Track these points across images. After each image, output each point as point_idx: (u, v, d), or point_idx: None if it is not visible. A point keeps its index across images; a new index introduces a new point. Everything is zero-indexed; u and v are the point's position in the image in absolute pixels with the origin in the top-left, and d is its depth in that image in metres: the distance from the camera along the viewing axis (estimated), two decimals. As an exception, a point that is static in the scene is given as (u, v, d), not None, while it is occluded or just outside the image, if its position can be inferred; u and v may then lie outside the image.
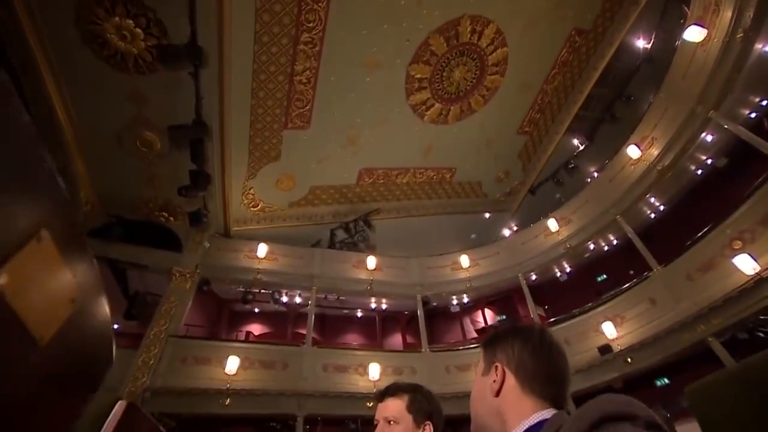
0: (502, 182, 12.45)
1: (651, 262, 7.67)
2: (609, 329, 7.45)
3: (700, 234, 7.01)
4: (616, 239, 9.83)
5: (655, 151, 8.26)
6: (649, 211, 9.55)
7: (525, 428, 0.79)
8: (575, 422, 0.61)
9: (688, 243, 7.18)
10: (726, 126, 7.26)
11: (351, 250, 10.69)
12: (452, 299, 10.90)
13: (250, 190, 9.56)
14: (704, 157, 8.58)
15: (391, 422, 1.38)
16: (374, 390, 7.51)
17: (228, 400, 7.09)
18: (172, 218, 9.05)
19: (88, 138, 7.13)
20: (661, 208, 9.49)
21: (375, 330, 11.90)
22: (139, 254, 8.46)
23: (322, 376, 7.94)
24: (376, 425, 1.41)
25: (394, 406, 1.41)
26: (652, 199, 9.15)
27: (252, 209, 9.97)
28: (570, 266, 10.54)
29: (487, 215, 12.95)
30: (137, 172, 8.05)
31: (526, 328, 0.94)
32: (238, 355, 7.48)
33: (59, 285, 0.33)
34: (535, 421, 0.79)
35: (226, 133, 7.46)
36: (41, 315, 0.30)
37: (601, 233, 9.48)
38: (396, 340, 11.79)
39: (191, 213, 8.32)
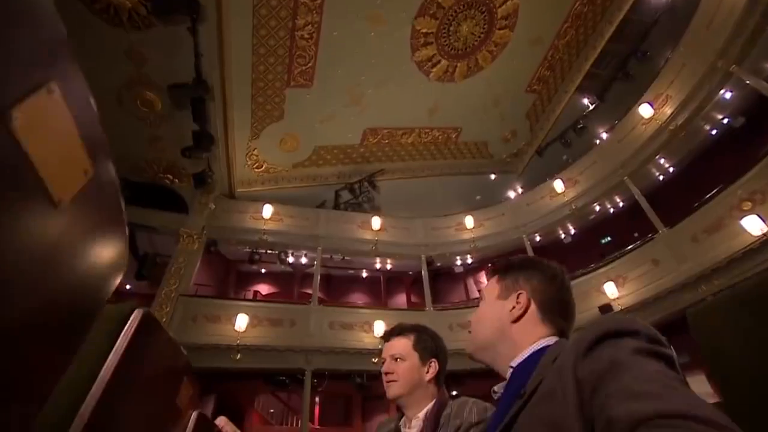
0: (508, 142, 12.25)
1: (657, 223, 7.63)
2: (610, 289, 7.54)
3: (709, 195, 6.93)
4: (623, 201, 9.76)
5: (668, 110, 8.01)
6: (657, 173, 9.42)
7: (530, 353, 0.82)
8: (578, 341, 0.63)
9: (696, 204, 7.11)
10: (748, 81, 6.93)
11: (356, 211, 10.73)
12: (456, 260, 11.01)
13: (253, 150, 9.47)
14: (720, 116, 8.34)
15: (398, 359, 1.43)
16: (379, 346, 7.75)
17: (239, 356, 7.35)
18: (177, 180, 9.04)
19: (87, 97, 6.99)
20: (671, 169, 9.35)
21: (380, 290, 12.13)
22: (146, 216, 8.51)
23: (329, 333, 8.18)
24: (383, 363, 1.45)
25: (401, 345, 1.46)
26: (662, 161, 9.00)
27: (256, 170, 9.92)
28: (574, 228, 10.55)
29: (493, 176, 12.84)
30: (139, 134, 7.95)
31: (546, 262, 0.96)
32: (246, 313, 7.68)
33: (71, 147, 0.31)
34: (541, 346, 0.82)
35: (228, 92, 7.29)
36: (56, 172, 0.28)
37: (608, 195, 9.40)
38: (400, 299, 12.04)
39: (196, 174, 8.30)
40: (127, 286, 9.95)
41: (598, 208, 9.85)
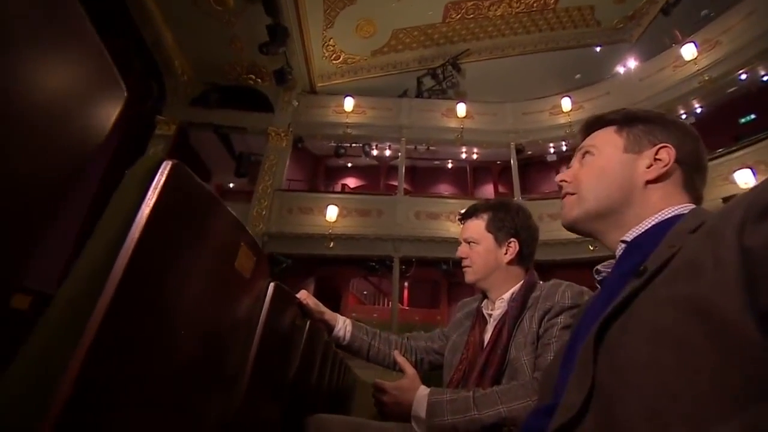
0: (622, 3, 9.97)
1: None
2: (744, 177, 6.38)
3: None
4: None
5: None
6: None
7: (655, 222, 0.65)
8: (743, 200, 0.43)
9: None
10: None
11: (439, 98, 10.11)
12: (549, 147, 10.07)
13: (329, 40, 9.06)
14: None
15: (471, 243, 1.34)
16: (465, 236, 7.83)
17: (332, 244, 8.02)
18: (259, 80, 9.17)
19: (165, 4, 7.07)
20: None
21: (466, 180, 11.88)
22: (237, 118, 8.96)
23: (415, 223, 8.43)
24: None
25: (474, 227, 1.36)
26: None
27: (334, 62, 9.60)
28: (701, 105, 8.68)
29: (598, 49, 10.85)
30: (219, 35, 7.98)
31: (674, 117, 0.77)
32: (336, 205, 8.16)
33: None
34: (672, 214, 0.64)
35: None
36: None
37: (763, 58, 7.21)
38: (488, 190, 11.72)
39: (276, 72, 8.31)
40: (230, 185, 11.02)
41: (744, 76, 7.83)
